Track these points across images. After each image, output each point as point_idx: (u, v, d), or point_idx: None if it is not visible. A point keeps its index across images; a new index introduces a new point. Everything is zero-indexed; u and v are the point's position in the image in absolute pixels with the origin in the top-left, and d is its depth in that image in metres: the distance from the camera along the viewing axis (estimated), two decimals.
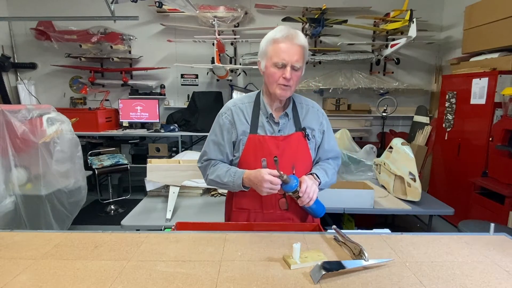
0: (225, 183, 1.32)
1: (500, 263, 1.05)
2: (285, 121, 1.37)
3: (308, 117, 1.40)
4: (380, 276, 0.96)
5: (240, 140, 1.35)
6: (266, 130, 1.35)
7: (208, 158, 1.40)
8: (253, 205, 1.39)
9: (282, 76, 1.25)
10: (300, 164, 1.36)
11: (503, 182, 2.88)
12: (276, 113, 1.37)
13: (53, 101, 4.60)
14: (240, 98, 1.42)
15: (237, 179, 1.29)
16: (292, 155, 1.34)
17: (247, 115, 1.36)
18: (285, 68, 1.24)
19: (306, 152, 1.38)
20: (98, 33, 4.36)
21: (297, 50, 1.24)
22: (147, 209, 2.35)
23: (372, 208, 2.40)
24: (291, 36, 1.23)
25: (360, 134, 4.71)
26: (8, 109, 2.57)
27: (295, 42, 1.24)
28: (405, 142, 2.73)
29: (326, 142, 1.45)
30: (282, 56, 1.23)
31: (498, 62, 3.20)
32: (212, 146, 1.39)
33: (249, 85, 4.75)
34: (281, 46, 1.23)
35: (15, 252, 1.08)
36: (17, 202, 2.59)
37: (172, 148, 4.52)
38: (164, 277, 0.94)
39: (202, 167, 1.43)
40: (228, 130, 1.36)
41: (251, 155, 1.33)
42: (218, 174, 1.34)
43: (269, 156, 1.29)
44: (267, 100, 1.37)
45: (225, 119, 1.36)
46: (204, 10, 4.31)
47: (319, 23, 4.21)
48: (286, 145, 1.34)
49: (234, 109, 1.37)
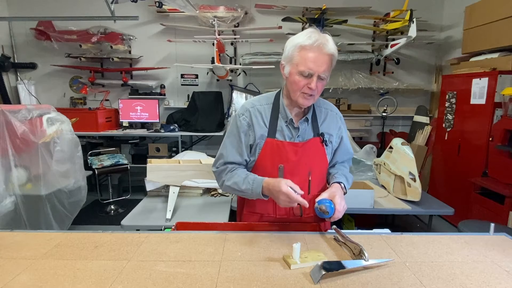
0: (243, 191, 1.25)
1: (500, 263, 1.05)
2: (304, 127, 1.31)
3: (327, 122, 1.35)
4: (380, 276, 0.96)
5: (257, 143, 1.29)
6: (285, 135, 1.29)
7: (225, 161, 1.32)
8: (266, 210, 1.35)
9: (307, 85, 1.18)
10: (316, 170, 1.33)
11: (503, 182, 2.88)
12: (296, 117, 1.31)
13: (53, 101, 4.60)
14: (257, 99, 1.35)
15: (256, 187, 1.22)
16: (309, 161, 1.30)
17: (265, 118, 1.29)
18: (311, 77, 1.18)
19: (323, 157, 1.34)
20: (98, 33, 4.36)
21: (326, 60, 1.17)
22: (147, 209, 2.35)
23: (372, 208, 2.40)
24: (321, 45, 1.15)
25: (360, 134, 4.71)
26: (8, 109, 2.57)
27: (325, 51, 1.16)
28: (405, 142, 2.73)
29: (344, 146, 1.42)
30: (310, 66, 1.16)
31: (498, 62, 3.20)
32: (230, 149, 1.31)
33: (249, 85, 4.75)
34: (309, 55, 1.15)
35: (15, 252, 1.09)
36: (17, 202, 2.59)
37: (172, 148, 4.51)
38: (164, 277, 0.94)
39: (217, 172, 1.35)
40: (246, 132, 1.29)
41: (268, 160, 1.28)
42: (235, 181, 1.27)
43: (286, 162, 1.26)
44: (287, 104, 1.31)
45: (243, 120, 1.30)
46: (204, 10, 4.31)
47: (319, 23, 4.21)
48: (304, 151, 1.29)
49: (252, 110, 1.30)
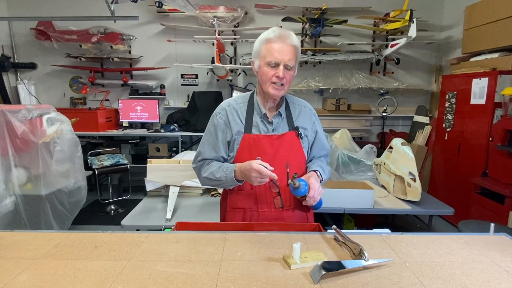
0: (218, 179, 1.34)
1: (500, 263, 1.05)
2: (278, 121, 1.40)
3: (301, 117, 1.44)
4: (380, 276, 0.96)
5: (234, 139, 1.37)
6: (260, 130, 1.37)
7: (202, 158, 1.42)
8: (248, 204, 1.40)
9: (275, 75, 1.28)
10: (293, 162, 1.38)
11: (503, 182, 2.88)
12: (270, 112, 1.40)
13: (53, 101, 4.60)
14: (234, 99, 1.44)
15: (230, 172, 1.31)
16: (286, 153, 1.37)
17: (241, 115, 1.38)
18: (278, 67, 1.27)
19: (300, 150, 1.41)
20: (98, 33, 4.37)
21: (290, 50, 1.27)
22: (147, 209, 2.35)
23: (372, 208, 2.40)
24: (283, 36, 1.27)
25: (360, 134, 4.71)
26: (8, 109, 2.57)
27: (288, 42, 1.27)
28: (405, 142, 2.73)
29: (319, 141, 1.50)
30: (275, 55, 1.26)
31: (498, 62, 3.20)
32: (207, 146, 1.41)
33: (249, 85, 4.76)
34: (274, 45, 1.27)
35: (15, 252, 1.08)
36: (17, 202, 2.59)
37: (172, 148, 4.52)
38: (164, 277, 0.94)
39: (196, 168, 1.45)
40: (223, 130, 1.38)
41: (246, 154, 1.35)
42: (211, 171, 1.36)
43: (264, 155, 1.31)
44: (260, 100, 1.40)
45: (219, 119, 1.38)
46: (204, 10, 4.31)
47: (319, 23, 4.21)
48: (280, 144, 1.37)
49: (228, 109, 1.39)
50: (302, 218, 1.46)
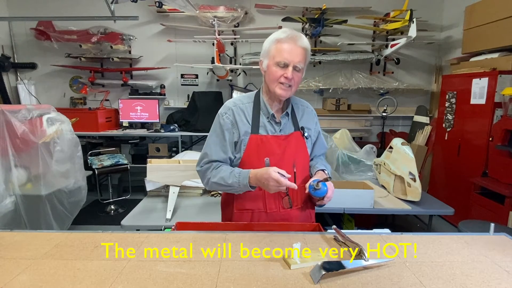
0: (230, 185, 1.29)
1: (500, 263, 1.05)
2: (285, 121, 1.39)
3: (305, 117, 1.45)
4: (380, 276, 0.96)
5: (241, 140, 1.34)
6: (267, 130, 1.36)
7: (209, 160, 1.35)
8: (257, 205, 1.38)
9: (283, 75, 1.27)
10: (299, 162, 1.38)
11: (503, 182, 2.88)
12: (276, 113, 1.39)
13: (53, 101, 4.59)
14: (239, 98, 1.42)
15: (243, 179, 1.26)
16: (293, 153, 1.37)
17: (248, 115, 1.36)
18: (287, 68, 1.26)
19: (304, 150, 1.42)
20: (98, 33, 4.36)
21: (300, 52, 1.27)
22: (147, 209, 2.35)
23: (372, 208, 2.40)
24: (295, 38, 1.26)
25: (360, 134, 4.71)
26: (8, 109, 2.57)
27: (299, 44, 1.26)
28: (405, 142, 2.73)
29: (321, 140, 1.53)
30: (285, 56, 1.25)
31: (498, 62, 3.20)
32: (213, 147, 1.35)
33: (249, 85, 4.75)
34: (284, 46, 1.26)
35: (15, 252, 1.09)
36: (17, 202, 2.59)
37: (172, 148, 4.51)
38: (164, 277, 0.94)
39: (201, 171, 1.38)
40: (230, 130, 1.34)
41: (254, 155, 1.33)
42: (221, 176, 1.30)
43: (272, 155, 1.30)
44: (267, 100, 1.38)
45: (226, 119, 1.34)
46: (204, 10, 4.31)
47: (319, 23, 4.21)
48: (287, 144, 1.36)
49: (235, 109, 1.36)
50: (307, 216, 1.47)
